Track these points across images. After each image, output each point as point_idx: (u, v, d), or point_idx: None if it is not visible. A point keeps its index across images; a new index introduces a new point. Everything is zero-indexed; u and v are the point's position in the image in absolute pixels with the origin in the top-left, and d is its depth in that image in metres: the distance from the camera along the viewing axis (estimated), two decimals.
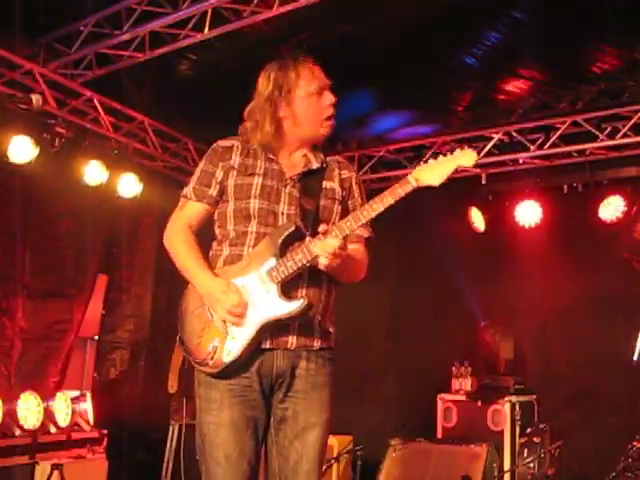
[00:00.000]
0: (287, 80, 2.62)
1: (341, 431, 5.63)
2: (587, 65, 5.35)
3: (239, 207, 2.60)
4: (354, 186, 2.75)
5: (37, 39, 5.47)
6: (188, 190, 2.71)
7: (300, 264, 2.45)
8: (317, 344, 2.56)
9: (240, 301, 2.46)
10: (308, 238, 2.49)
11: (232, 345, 2.46)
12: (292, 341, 2.51)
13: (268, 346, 2.49)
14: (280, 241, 2.49)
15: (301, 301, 2.45)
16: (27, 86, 5.56)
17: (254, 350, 2.47)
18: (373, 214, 2.43)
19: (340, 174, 2.73)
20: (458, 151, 2.48)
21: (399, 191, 2.43)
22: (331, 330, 2.63)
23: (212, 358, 2.47)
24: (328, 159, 2.74)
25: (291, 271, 2.45)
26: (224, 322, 2.48)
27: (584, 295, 6.18)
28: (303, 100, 2.62)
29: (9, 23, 5.14)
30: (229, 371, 2.47)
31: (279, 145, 2.67)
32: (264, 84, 2.65)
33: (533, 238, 6.48)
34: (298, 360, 2.53)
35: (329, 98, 2.65)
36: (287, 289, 2.48)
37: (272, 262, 2.48)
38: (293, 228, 2.51)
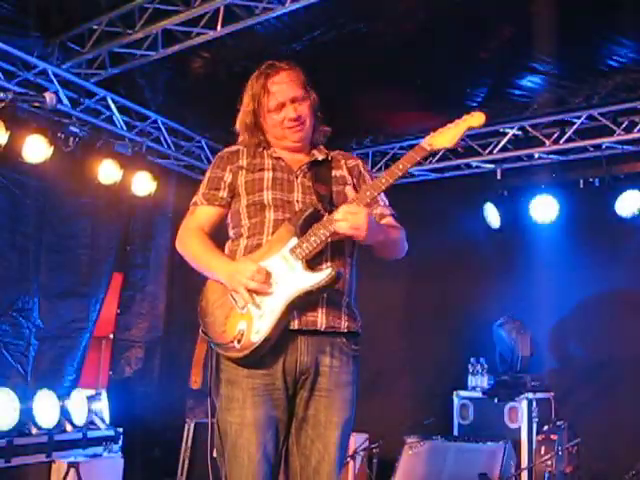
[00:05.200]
0: (254, 98, 2.67)
1: (357, 429, 5.60)
2: (603, 58, 5.29)
3: (252, 201, 2.60)
4: (363, 171, 2.78)
5: (50, 39, 5.48)
6: (197, 197, 2.72)
7: (324, 237, 2.44)
8: (345, 325, 2.53)
9: (261, 268, 2.42)
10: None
11: (260, 324, 2.40)
12: (321, 320, 2.48)
13: (296, 326, 2.45)
14: (300, 222, 2.48)
15: (329, 270, 2.42)
16: (41, 86, 5.58)
17: (282, 331, 2.42)
18: (392, 181, 2.46)
19: (347, 163, 2.78)
20: (466, 115, 2.59)
21: (414, 157, 2.52)
22: (358, 316, 2.62)
23: (239, 341, 2.41)
24: (332, 153, 2.79)
25: (315, 245, 2.44)
26: (251, 300, 2.42)
27: (601, 291, 6.12)
28: (267, 114, 2.67)
29: (23, 23, 5.16)
30: (256, 356, 2.41)
31: (277, 146, 2.71)
32: (245, 99, 2.72)
33: (549, 234, 6.43)
34: (322, 356, 2.50)
35: (286, 114, 2.64)
36: (312, 265, 2.46)
37: (294, 241, 2.46)
38: (312, 210, 2.51)
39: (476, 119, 2.58)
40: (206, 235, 2.66)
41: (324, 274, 2.41)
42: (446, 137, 2.55)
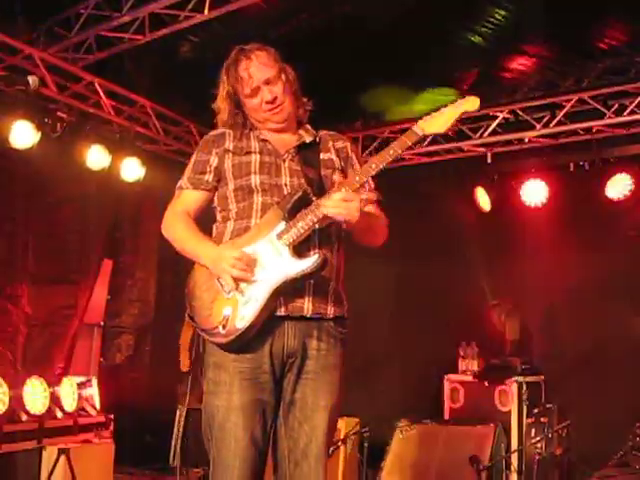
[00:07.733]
0: (230, 84, 2.64)
1: (348, 413, 5.62)
2: (593, 41, 5.28)
3: (240, 185, 2.58)
4: (351, 154, 2.75)
5: (37, 23, 5.42)
6: (183, 181, 2.70)
7: (311, 223, 2.42)
8: (331, 311, 2.53)
9: (243, 254, 2.41)
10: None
11: (245, 310, 2.40)
12: (307, 307, 2.47)
13: (283, 312, 2.44)
14: (289, 206, 2.46)
15: (316, 256, 2.40)
16: (28, 71, 5.51)
17: (268, 317, 2.41)
18: (381, 166, 2.43)
19: (334, 145, 2.74)
20: (460, 99, 2.53)
21: (406, 141, 2.47)
22: (344, 300, 2.61)
23: (224, 326, 2.41)
24: (320, 134, 2.75)
25: (302, 231, 2.42)
26: (235, 287, 2.41)
27: (591, 274, 6.14)
28: (245, 100, 2.64)
29: (9, 8, 5.10)
30: (241, 342, 2.40)
31: (262, 129, 2.67)
32: (220, 86, 2.69)
33: (539, 218, 6.43)
34: (309, 339, 2.49)
35: (262, 97, 2.60)
36: (299, 251, 2.44)
37: (282, 226, 2.44)
38: (301, 193, 2.48)
39: (471, 103, 2.51)
40: (191, 219, 2.65)
41: (310, 261, 2.40)
42: (439, 122, 2.50)
